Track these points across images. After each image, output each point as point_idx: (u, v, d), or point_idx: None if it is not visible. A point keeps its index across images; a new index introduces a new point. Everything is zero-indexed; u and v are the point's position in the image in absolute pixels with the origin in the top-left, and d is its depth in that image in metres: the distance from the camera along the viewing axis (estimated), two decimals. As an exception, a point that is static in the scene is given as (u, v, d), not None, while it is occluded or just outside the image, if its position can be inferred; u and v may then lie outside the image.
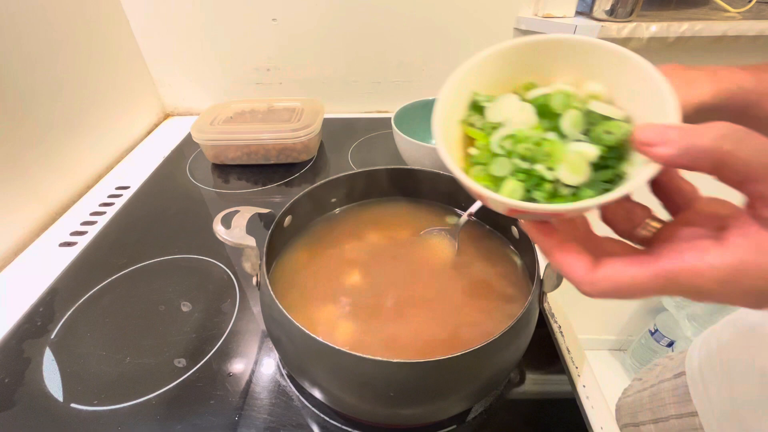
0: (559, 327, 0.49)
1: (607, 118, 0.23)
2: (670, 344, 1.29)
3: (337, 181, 0.47)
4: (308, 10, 0.84)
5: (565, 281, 0.37)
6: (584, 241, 0.24)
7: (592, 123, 0.23)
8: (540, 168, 0.23)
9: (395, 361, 0.28)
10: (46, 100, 0.66)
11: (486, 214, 0.48)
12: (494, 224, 0.47)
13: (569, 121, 0.23)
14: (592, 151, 0.22)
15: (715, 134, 0.17)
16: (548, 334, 0.48)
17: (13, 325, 0.49)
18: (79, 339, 0.47)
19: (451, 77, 0.26)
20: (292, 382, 0.43)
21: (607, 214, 0.24)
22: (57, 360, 0.45)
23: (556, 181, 0.23)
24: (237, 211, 0.39)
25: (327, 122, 0.81)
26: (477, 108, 0.27)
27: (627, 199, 0.24)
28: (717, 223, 0.20)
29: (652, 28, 0.73)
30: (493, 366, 0.33)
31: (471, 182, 0.23)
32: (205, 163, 0.80)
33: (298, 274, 0.42)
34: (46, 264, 0.57)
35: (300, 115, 0.78)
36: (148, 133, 0.93)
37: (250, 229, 0.37)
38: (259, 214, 0.40)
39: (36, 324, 0.49)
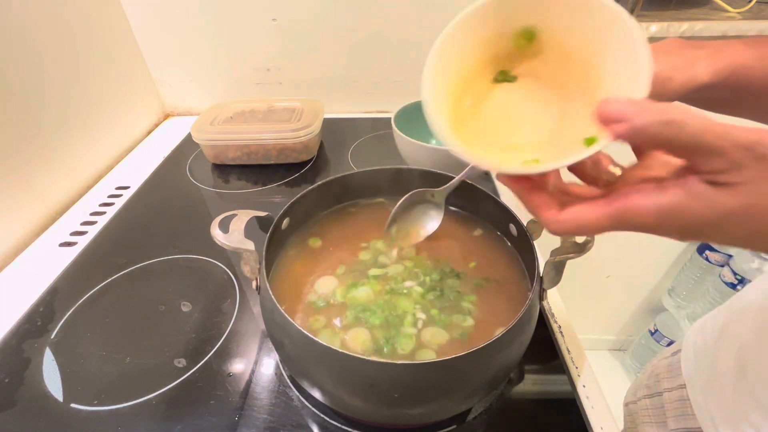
0: (559, 327, 0.49)
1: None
2: (670, 344, 1.28)
3: (336, 181, 0.47)
4: (308, 10, 0.84)
5: (564, 279, 0.37)
6: (554, 188, 0.27)
7: None
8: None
9: (399, 362, 0.29)
10: (46, 100, 0.66)
11: (479, 208, 0.48)
12: (493, 222, 0.47)
13: None
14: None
15: (665, 118, 0.19)
16: (548, 334, 0.48)
17: (13, 325, 0.49)
18: (79, 339, 0.47)
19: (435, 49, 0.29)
20: (292, 382, 0.43)
21: (576, 165, 0.27)
22: (57, 360, 0.45)
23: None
24: (234, 215, 0.38)
25: (327, 122, 0.81)
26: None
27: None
28: (666, 170, 0.23)
29: (652, 28, 0.73)
30: (497, 363, 0.33)
31: (464, 151, 0.25)
32: (205, 163, 0.80)
33: (298, 277, 0.42)
34: (46, 264, 0.57)
35: (300, 115, 0.78)
36: (148, 133, 0.93)
37: (249, 232, 0.37)
38: (257, 217, 0.40)
39: (36, 324, 0.49)
